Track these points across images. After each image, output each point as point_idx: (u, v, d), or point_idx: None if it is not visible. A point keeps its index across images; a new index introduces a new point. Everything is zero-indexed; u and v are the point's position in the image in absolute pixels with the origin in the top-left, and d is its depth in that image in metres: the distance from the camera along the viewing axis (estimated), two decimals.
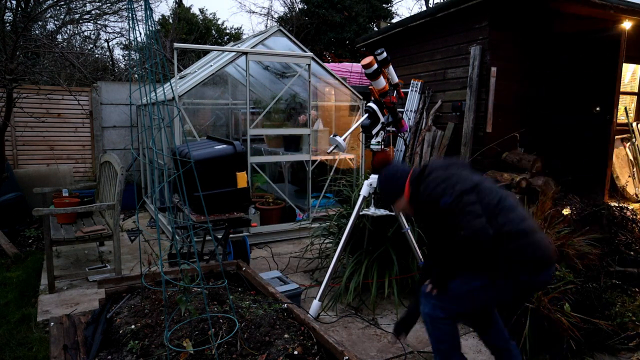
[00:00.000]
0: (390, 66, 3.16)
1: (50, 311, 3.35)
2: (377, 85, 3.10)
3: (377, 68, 3.01)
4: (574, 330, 2.72)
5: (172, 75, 5.30)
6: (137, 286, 2.25)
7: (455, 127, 5.78)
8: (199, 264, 1.82)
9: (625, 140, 6.37)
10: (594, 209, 4.20)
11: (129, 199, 6.14)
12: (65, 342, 1.89)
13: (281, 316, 1.94)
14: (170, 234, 4.86)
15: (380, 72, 3.05)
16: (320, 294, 3.14)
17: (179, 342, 1.70)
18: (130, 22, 1.56)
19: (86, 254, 4.69)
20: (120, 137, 7.43)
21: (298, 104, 5.80)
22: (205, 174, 3.22)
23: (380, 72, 3.05)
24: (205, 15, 15.29)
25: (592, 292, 3.00)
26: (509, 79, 5.50)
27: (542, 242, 2.02)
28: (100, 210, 4.18)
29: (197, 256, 2.21)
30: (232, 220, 3.42)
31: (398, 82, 3.28)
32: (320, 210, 5.21)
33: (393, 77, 3.24)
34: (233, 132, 7.17)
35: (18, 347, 2.88)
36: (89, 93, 7.17)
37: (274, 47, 5.45)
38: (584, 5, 5.31)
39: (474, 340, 2.96)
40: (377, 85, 3.10)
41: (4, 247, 4.61)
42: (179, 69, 7.07)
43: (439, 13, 5.83)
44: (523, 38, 5.55)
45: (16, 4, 9.49)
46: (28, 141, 6.79)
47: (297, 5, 14.56)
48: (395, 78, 3.26)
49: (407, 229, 3.20)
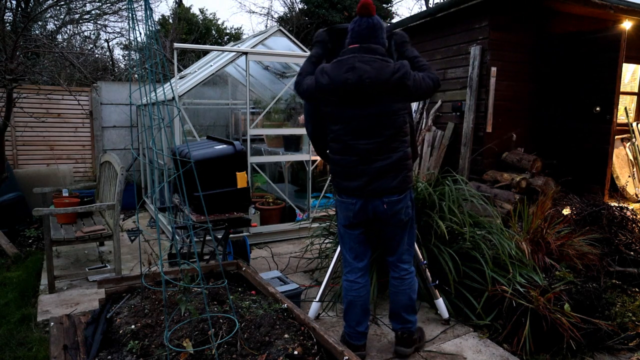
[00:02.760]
0: None
1: (50, 311, 3.35)
2: None
3: None
4: (573, 330, 2.72)
5: (172, 75, 5.30)
6: (137, 286, 2.25)
7: (455, 127, 5.78)
8: (199, 264, 1.82)
9: (625, 140, 6.37)
10: (594, 209, 4.21)
11: (129, 199, 6.15)
12: (65, 342, 1.89)
13: (281, 316, 1.94)
14: (170, 234, 4.86)
15: None
16: (320, 294, 3.14)
17: (179, 342, 1.70)
18: (130, 22, 1.56)
19: (86, 254, 4.69)
20: (120, 137, 7.43)
21: (298, 104, 5.80)
22: (205, 174, 3.22)
23: None
24: (205, 15, 15.29)
25: (592, 292, 3.00)
26: (509, 79, 5.50)
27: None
28: (100, 210, 4.18)
29: (197, 256, 2.21)
30: (232, 220, 3.42)
31: None
32: (320, 210, 5.21)
33: None
34: (233, 132, 7.17)
35: (18, 347, 2.88)
36: (89, 93, 7.17)
37: (274, 47, 5.45)
38: (584, 5, 5.31)
39: (474, 341, 2.96)
40: None
41: (4, 247, 4.61)
42: (179, 69, 7.07)
43: (438, 13, 5.83)
44: (523, 38, 5.55)
45: (16, 4, 9.49)
46: (28, 141, 6.79)
47: (297, 5, 14.56)
48: None
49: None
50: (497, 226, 3.53)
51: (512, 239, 3.45)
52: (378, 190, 2.50)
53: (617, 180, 6.06)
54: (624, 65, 5.36)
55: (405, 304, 2.71)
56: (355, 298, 2.69)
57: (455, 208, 3.42)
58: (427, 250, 3.29)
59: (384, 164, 2.48)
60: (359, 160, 2.50)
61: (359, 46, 2.47)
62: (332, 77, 2.45)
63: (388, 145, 2.48)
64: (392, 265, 2.74)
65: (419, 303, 3.40)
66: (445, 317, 3.16)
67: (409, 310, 2.72)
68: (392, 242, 2.67)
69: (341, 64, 2.46)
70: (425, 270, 3.10)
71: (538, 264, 3.34)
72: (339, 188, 2.64)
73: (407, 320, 2.73)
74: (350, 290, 2.71)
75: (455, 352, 2.83)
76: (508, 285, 3.02)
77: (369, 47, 2.46)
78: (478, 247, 3.29)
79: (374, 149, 2.47)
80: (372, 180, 2.49)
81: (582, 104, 5.57)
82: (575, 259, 3.52)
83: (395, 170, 2.50)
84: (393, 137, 2.48)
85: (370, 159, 2.48)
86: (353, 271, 2.71)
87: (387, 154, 2.48)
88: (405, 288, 2.70)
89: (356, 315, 2.70)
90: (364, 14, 2.49)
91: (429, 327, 3.13)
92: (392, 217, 2.55)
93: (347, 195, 2.58)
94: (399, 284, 2.71)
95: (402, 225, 2.62)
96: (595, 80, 5.40)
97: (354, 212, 2.57)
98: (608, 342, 2.84)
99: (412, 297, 2.72)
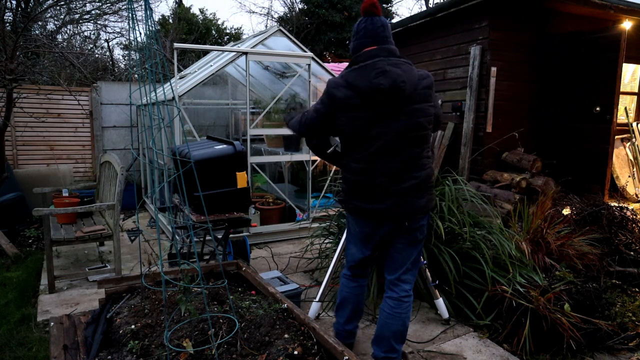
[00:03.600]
0: None
1: (50, 311, 3.35)
2: None
3: None
4: (573, 330, 2.72)
5: (172, 75, 5.30)
6: (137, 286, 2.25)
7: (456, 127, 5.78)
8: (199, 264, 1.82)
9: (625, 140, 6.37)
10: (594, 209, 4.21)
11: (129, 199, 6.15)
12: (65, 342, 1.89)
13: (281, 316, 1.94)
14: (170, 234, 4.86)
15: None
16: (320, 294, 3.14)
17: (179, 342, 1.70)
18: (130, 22, 1.56)
19: (86, 254, 4.69)
20: (120, 137, 7.43)
21: (298, 104, 5.80)
22: (205, 174, 3.22)
23: None
24: (205, 15, 15.29)
25: (592, 292, 3.00)
26: (509, 79, 5.50)
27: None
28: (100, 210, 4.18)
29: (197, 256, 2.21)
30: (232, 220, 3.42)
31: None
32: (320, 210, 5.20)
33: None
34: (233, 132, 7.17)
35: (18, 347, 2.88)
36: (89, 93, 7.17)
37: (274, 47, 5.45)
38: (584, 6, 5.31)
39: (474, 341, 2.96)
40: None
41: (4, 247, 4.61)
42: (179, 69, 7.07)
43: (438, 13, 5.83)
44: (523, 38, 5.56)
45: (16, 4, 9.50)
46: (28, 141, 6.79)
47: (297, 5, 14.56)
48: None
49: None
50: (497, 226, 3.53)
51: (512, 239, 3.45)
52: (405, 213, 2.27)
53: (617, 180, 6.06)
54: (624, 65, 5.36)
55: (396, 330, 2.41)
56: (350, 295, 2.59)
57: (455, 208, 3.42)
58: (427, 250, 3.29)
59: (412, 183, 2.24)
60: (388, 181, 2.23)
61: (379, 47, 2.21)
62: (359, 85, 2.17)
63: (416, 163, 2.26)
64: (391, 284, 2.47)
65: (418, 303, 3.41)
66: (445, 317, 3.16)
67: (398, 338, 2.42)
68: (399, 255, 2.42)
69: (367, 69, 2.17)
70: (425, 270, 3.10)
71: (538, 264, 3.34)
72: (357, 211, 2.36)
73: (393, 348, 2.42)
74: (346, 287, 2.61)
75: (455, 352, 2.83)
76: (508, 285, 3.02)
77: (389, 48, 2.22)
78: (478, 247, 3.29)
79: (402, 168, 2.23)
80: (400, 201, 2.25)
81: (582, 104, 5.57)
82: (575, 259, 3.52)
83: (422, 190, 2.28)
84: (420, 154, 2.27)
85: (400, 179, 2.23)
86: (354, 268, 2.57)
87: (417, 172, 2.25)
88: (401, 312, 2.41)
89: (347, 312, 2.61)
90: (373, 12, 2.25)
91: (429, 327, 3.13)
92: (407, 232, 2.35)
93: (368, 220, 2.35)
94: (395, 306, 2.41)
95: (414, 242, 2.41)
96: (595, 80, 5.40)
97: (372, 230, 2.37)
98: (608, 342, 2.84)
99: (406, 324, 2.44)
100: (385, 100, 2.15)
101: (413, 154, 2.24)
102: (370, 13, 2.26)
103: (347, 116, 2.23)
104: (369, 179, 2.26)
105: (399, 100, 2.16)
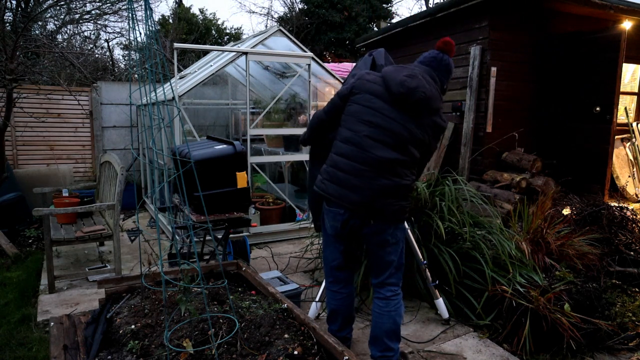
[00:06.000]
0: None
1: (50, 311, 3.35)
2: None
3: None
4: (573, 330, 2.72)
5: (172, 75, 5.30)
6: (137, 286, 2.25)
7: (456, 127, 5.78)
8: (199, 264, 1.82)
9: (625, 140, 6.37)
10: (594, 209, 4.21)
11: (129, 199, 6.15)
12: (65, 342, 1.89)
13: (281, 316, 1.94)
14: (170, 234, 4.86)
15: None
16: (320, 294, 3.14)
17: (179, 342, 1.70)
18: (130, 22, 1.56)
19: (86, 254, 4.69)
20: (120, 137, 7.43)
21: (298, 104, 5.80)
22: (205, 174, 3.22)
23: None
24: (205, 15, 15.29)
25: (592, 292, 3.00)
26: (509, 79, 5.50)
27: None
28: (100, 210, 4.18)
29: (197, 256, 2.21)
30: (232, 220, 3.42)
31: None
32: None
33: None
34: (233, 132, 7.18)
35: (18, 347, 2.88)
36: (89, 93, 7.17)
37: (274, 47, 5.45)
38: (584, 6, 5.31)
39: (474, 341, 2.96)
40: None
41: (4, 247, 4.61)
42: (179, 69, 7.07)
43: (439, 13, 5.83)
44: (523, 38, 5.56)
45: (16, 4, 9.50)
46: (28, 141, 6.79)
47: (297, 5, 14.57)
48: None
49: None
50: (497, 226, 3.53)
51: (512, 239, 3.45)
52: (373, 211, 2.30)
53: (617, 180, 6.05)
54: (624, 65, 5.36)
55: (388, 328, 2.43)
56: (339, 307, 2.61)
57: (455, 208, 3.42)
58: (427, 250, 3.29)
59: (389, 183, 2.27)
60: (367, 171, 2.27)
61: (423, 67, 2.44)
62: (389, 74, 2.34)
63: (401, 168, 2.30)
64: (377, 287, 2.50)
65: (418, 303, 3.41)
66: (445, 317, 3.16)
67: (392, 336, 2.44)
68: (380, 260, 2.45)
69: (403, 69, 2.37)
70: (425, 270, 3.10)
71: (538, 264, 3.34)
72: (326, 193, 2.38)
73: (388, 347, 2.43)
74: (332, 299, 2.61)
75: (455, 352, 2.83)
76: (508, 285, 3.02)
77: (432, 73, 2.41)
78: (478, 247, 3.29)
79: (388, 163, 2.27)
80: (374, 198, 2.27)
81: (582, 104, 5.56)
82: (575, 259, 3.52)
83: (397, 196, 2.31)
84: (408, 162, 2.32)
85: (380, 174, 2.27)
86: (336, 282, 2.59)
87: (397, 178, 2.29)
88: (390, 310, 2.43)
89: (338, 322, 2.64)
90: (441, 48, 2.45)
91: (429, 327, 3.13)
92: (376, 234, 2.36)
93: (336, 206, 2.37)
94: (384, 305, 2.45)
95: (384, 245, 2.39)
96: (595, 81, 5.40)
97: (341, 222, 2.38)
98: (608, 342, 2.84)
99: (397, 321, 2.45)
100: (402, 97, 2.27)
101: (404, 157, 2.31)
102: (441, 49, 2.47)
103: (363, 97, 2.37)
104: (350, 164, 2.31)
105: (413, 103, 2.28)
